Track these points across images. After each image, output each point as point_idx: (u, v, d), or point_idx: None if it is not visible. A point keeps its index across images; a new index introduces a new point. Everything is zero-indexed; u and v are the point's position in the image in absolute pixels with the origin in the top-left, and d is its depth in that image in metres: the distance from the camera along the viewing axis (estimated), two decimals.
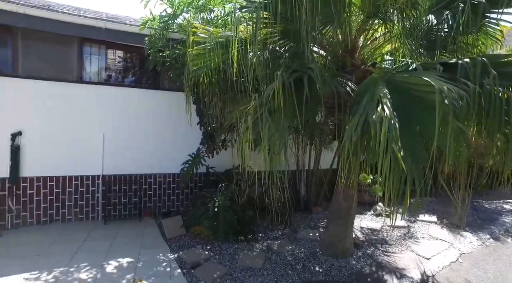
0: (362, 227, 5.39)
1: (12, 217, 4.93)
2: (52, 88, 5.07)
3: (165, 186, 5.85)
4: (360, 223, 5.57)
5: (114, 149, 5.44)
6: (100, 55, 5.50)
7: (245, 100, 3.46)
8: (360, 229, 5.32)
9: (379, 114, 1.98)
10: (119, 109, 5.48)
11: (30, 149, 4.96)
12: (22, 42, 4.97)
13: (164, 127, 5.78)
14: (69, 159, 5.19)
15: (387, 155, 1.85)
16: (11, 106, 4.85)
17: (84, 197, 5.34)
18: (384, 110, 1.99)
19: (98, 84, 5.44)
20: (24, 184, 4.97)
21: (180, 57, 4.67)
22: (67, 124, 5.16)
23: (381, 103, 2.05)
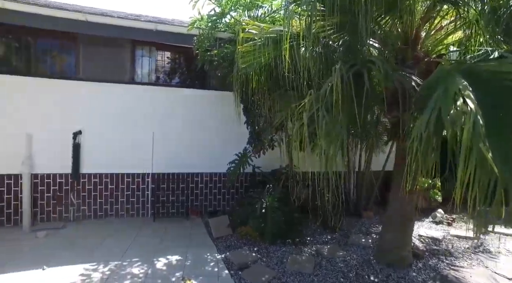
0: (421, 235, 4.97)
1: (74, 210, 5.30)
2: (107, 89, 5.37)
3: (211, 185, 5.92)
4: (418, 230, 5.14)
5: (163, 148, 5.62)
6: (150, 57, 5.73)
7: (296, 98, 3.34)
8: (418, 237, 4.91)
9: (460, 109, 1.74)
10: (168, 109, 5.65)
11: (88, 147, 5.30)
12: (83, 48, 5.33)
13: (211, 126, 5.86)
14: (122, 156, 5.46)
15: (472, 155, 1.61)
16: (72, 107, 5.22)
17: (135, 194, 5.58)
18: (466, 104, 1.75)
19: (148, 84, 5.67)
20: (83, 179, 5.33)
21: (227, 56, 4.68)
22: (120, 124, 5.43)
23: (462, 97, 1.80)
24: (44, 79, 5.14)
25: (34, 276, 3.46)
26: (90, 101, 5.29)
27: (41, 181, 5.15)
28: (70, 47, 5.39)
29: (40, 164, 5.10)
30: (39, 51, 5.32)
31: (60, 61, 5.46)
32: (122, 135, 5.45)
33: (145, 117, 5.54)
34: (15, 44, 5.21)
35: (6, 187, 5.00)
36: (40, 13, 4.78)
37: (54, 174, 5.19)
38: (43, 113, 5.09)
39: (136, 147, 5.51)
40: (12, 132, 4.96)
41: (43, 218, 5.20)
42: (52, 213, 5.23)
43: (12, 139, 4.96)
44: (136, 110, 5.51)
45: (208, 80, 5.98)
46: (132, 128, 5.49)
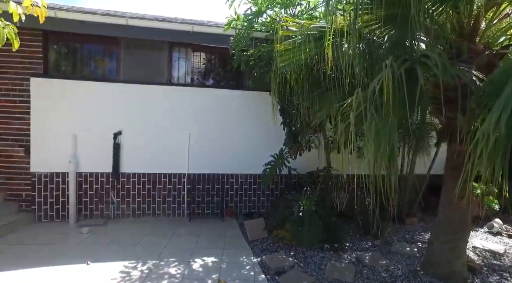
0: (476, 247, 4.57)
1: (114, 208, 5.51)
2: (145, 90, 5.52)
3: (246, 187, 5.89)
4: (472, 241, 4.72)
5: (199, 148, 5.67)
6: (186, 58, 5.81)
7: (338, 97, 3.19)
8: (472, 249, 4.51)
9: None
10: (204, 110, 5.70)
11: (127, 147, 5.48)
12: (124, 51, 5.53)
13: (246, 127, 5.83)
14: (159, 157, 5.58)
15: None
16: (113, 108, 5.43)
17: (171, 194, 5.68)
18: None
19: (185, 85, 5.75)
20: (123, 179, 5.52)
21: (264, 56, 4.61)
22: (157, 125, 5.56)
23: None
24: (89, 82, 5.39)
25: (79, 270, 3.62)
26: (129, 103, 5.47)
27: (85, 179, 5.40)
28: (112, 51, 5.61)
29: (84, 163, 5.36)
30: (84, 56, 5.59)
31: (103, 64, 5.71)
32: (159, 136, 5.57)
33: (182, 118, 5.63)
34: (64, 50, 5.52)
35: (55, 184, 5.30)
36: (87, 19, 5.02)
37: (97, 173, 5.43)
38: (87, 115, 5.34)
39: (172, 147, 5.61)
40: (60, 133, 5.26)
41: (86, 215, 5.45)
42: (94, 210, 5.47)
43: (60, 140, 5.25)
44: (173, 111, 5.61)
45: (243, 80, 5.96)
46: (168, 129, 5.60)
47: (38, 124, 5.23)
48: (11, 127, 5.23)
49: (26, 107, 5.21)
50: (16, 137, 5.24)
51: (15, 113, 5.22)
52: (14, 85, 5.20)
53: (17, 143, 5.24)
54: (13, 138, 5.25)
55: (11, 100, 5.22)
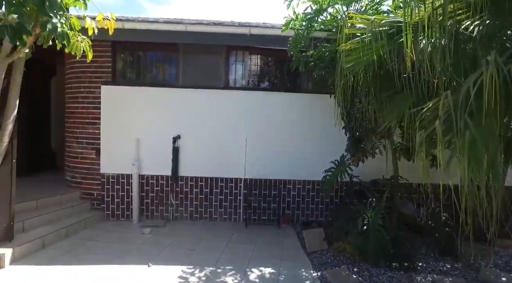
0: None
1: (173, 211, 5.69)
2: (203, 95, 5.62)
3: (304, 194, 5.66)
4: None
5: (256, 153, 5.60)
6: (243, 62, 5.79)
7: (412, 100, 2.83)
8: None
9: None
10: (261, 114, 5.61)
11: (185, 151, 5.62)
12: (182, 57, 5.69)
13: (305, 131, 5.61)
14: (216, 161, 5.63)
15: None
16: (173, 112, 5.62)
17: (228, 199, 5.69)
18: None
19: (242, 89, 5.73)
20: (181, 182, 5.67)
21: (325, 56, 4.36)
22: (214, 129, 5.62)
23: None
24: (150, 88, 5.66)
25: (141, 271, 3.75)
26: (187, 107, 5.62)
27: (147, 182, 5.67)
28: (172, 58, 5.81)
29: (146, 166, 5.62)
30: (147, 63, 5.89)
31: (163, 71, 5.95)
32: (216, 140, 5.62)
33: (238, 122, 5.62)
34: (129, 59, 5.87)
35: (121, 185, 5.65)
36: (150, 28, 5.28)
37: (157, 176, 5.66)
38: (149, 119, 5.61)
39: (229, 152, 5.62)
40: (125, 136, 5.59)
41: (148, 215, 5.71)
42: (155, 211, 5.71)
43: (125, 143, 5.59)
44: (230, 115, 5.62)
45: (302, 82, 5.76)
46: (225, 133, 5.62)
47: (106, 128, 5.62)
48: (86, 131, 5.70)
49: (97, 113, 5.64)
50: (89, 140, 5.70)
51: (89, 119, 5.68)
52: (88, 93, 5.67)
53: (90, 146, 5.70)
54: (87, 142, 5.71)
55: (86, 107, 5.69)
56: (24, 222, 4.50)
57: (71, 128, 5.87)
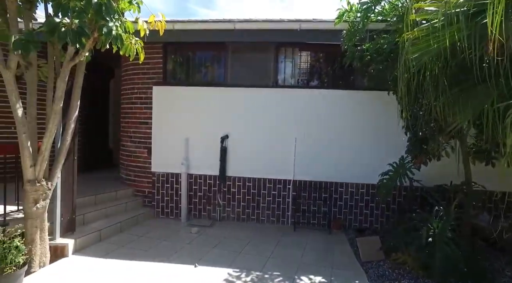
0: None
1: (220, 211, 5.69)
2: (251, 94, 5.54)
3: (357, 198, 5.31)
4: None
5: (305, 154, 5.39)
6: (293, 59, 5.60)
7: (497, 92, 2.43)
8: None
9: None
10: (311, 112, 5.38)
11: (233, 151, 5.59)
12: (231, 56, 5.68)
13: (359, 131, 5.27)
14: (264, 161, 5.52)
15: None
16: (221, 112, 5.62)
17: (276, 201, 5.55)
18: None
19: (291, 87, 5.55)
20: (229, 182, 5.65)
21: (384, 48, 4.00)
22: (263, 128, 5.51)
23: None
24: (199, 87, 5.73)
25: (188, 271, 3.77)
26: (236, 107, 5.58)
27: (195, 181, 5.74)
28: (220, 57, 5.83)
29: (195, 165, 5.69)
30: (196, 63, 5.99)
31: (212, 70, 6.00)
32: (265, 140, 5.51)
33: (287, 122, 5.44)
34: (179, 59, 6.01)
35: (170, 184, 5.80)
36: (199, 28, 5.34)
37: (205, 175, 5.71)
38: (197, 119, 5.68)
39: (278, 152, 5.47)
40: (174, 136, 5.73)
41: (195, 215, 5.78)
42: (202, 211, 5.76)
43: (174, 143, 5.72)
44: (278, 114, 5.47)
45: (355, 79, 5.41)
46: (274, 132, 5.48)
47: (157, 128, 5.81)
48: (139, 131, 5.95)
49: (149, 113, 5.85)
50: (142, 140, 5.93)
51: (142, 119, 5.92)
52: (141, 93, 5.90)
53: (142, 145, 5.94)
54: (140, 141, 5.96)
55: (139, 107, 5.94)
56: (84, 215, 4.80)
57: (125, 128, 6.17)
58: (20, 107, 3.46)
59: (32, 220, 3.67)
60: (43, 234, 3.79)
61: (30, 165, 3.57)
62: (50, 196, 3.83)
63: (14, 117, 3.45)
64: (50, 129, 3.65)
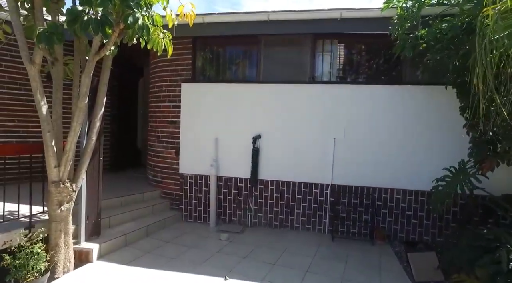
0: None
1: (251, 216, 5.34)
2: (286, 91, 5.15)
3: (404, 206, 4.75)
4: None
5: (345, 155, 4.91)
6: (332, 52, 5.15)
7: None
8: None
9: None
10: (353, 110, 4.90)
11: (266, 152, 5.22)
12: (264, 50, 5.31)
13: (408, 131, 4.71)
14: (299, 164, 5.10)
15: None
16: (253, 110, 5.27)
17: (311, 207, 5.11)
18: None
19: (330, 83, 5.10)
20: (260, 186, 5.28)
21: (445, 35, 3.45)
22: (298, 128, 5.09)
23: None
24: (229, 84, 5.42)
25: None
26: (269, 104, 5.21)
27: (224, 184, 5.43)
28: (252, 52, 5.49)
29: (224, 167, 5.38)
30: (226, 58, 5.68)
31: (243, 66, 5.66)
32: (300, 141, 5.09)
33: (325, 121, 4.99)
34: (208, 55, 5.73)
35: (198, 186, 5.52)
36: (231, 20, 5.01)
37: (235, 178, 5.37)
38: (227, 118, 5.36)
39: (314, 154, 5.04)
40: (203, 136, 5.45)
41: (225, 220, 5.46)
42: (232, 215, 5.43)
43: (203, 143, 5.45)
44: (316, 113, 5.04)
45: (404, 72, 4.86)
46: (310, 133, 5.05)
47: (185, 127, 5.55)
48: (167, 130, 5.73)
49: (177, 112, 5.61)
50: (170, 139, 5.71)
51: (170, 118, 5.70)
52: (169, 91, 5.68)
53: (170, 145, 5.71)
54: (167, 141, 5.74)
55: (167, 106, 5.72)
56: (110, 218, 4.62)
57: (153, 128, 5.98)
58: (45, 105, 3.28)
59: (56, 223, 3.50)
60: (67, 238, 3.61)
61: (54, 165, 3.39)
62: (74, 198, 3.65)
63: (39, 115, 3.29)
64: (75, 128, 3.46)
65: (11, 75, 5.39)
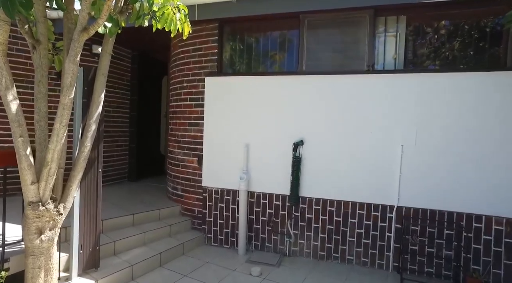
0: None
1: (290, 243, 4.26)
2: (336, 84, 4.04)
3: (509, 240, 3.42)
4: None
5: (417, 169, 3.69)
6: (398, 31, 3.94)
7: None
8: None
9: None
10: (428, 107, 3.68)
11: (310, 163, 4.13)
12: (307, 33, 4.24)
13: (507, 135, 3.39)
14: (353, 178, 3.96)
15: None
16: (294, 109, 4.20)
17: (370, 234, 3.92)
18: None
19: (396, 72, 3.89)
20: (303, 205, 4.19)
21: None
22: (352, 131, 3.96)
23: None
24: (263, 77, 4.42)
25: None
26: (314, 102, 4.12)
27: (257, 201, 4.40)
28: (292, 37, 4.45)
29: (257, 180, 4.37)
30: (260, 45, 4.66)
31: (281, 55, 4.59)
32: (355, 148, 3.94)
33: (391, 122, 3.81)
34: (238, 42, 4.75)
35: (225, 203, 4.55)
36: None
37: (271, 194, 4.33)
38: (261, 119, 4.35)
39: (374, 166, 3.87)
40: (230, 141, 4.50)
41: (257, 245, 4.43)
42: (266, 241, 4.38)
43: (231, 150, 4.50)
44: (376, 111, 3.87)
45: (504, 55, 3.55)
46: (368, 138, 3.89)
47: (210, 131, 4.62)
48: (188, 134, 4.83)
49: (200, 112, 4.69)
50: (191, 145, 4.80)
51: (191, 119, 4.79)
52: (191, 87, 4.78)
53: (192, 152, 4.80)
54: (189, 147, 4.83)
55: (188, 105, 4.83)
56: (115, 243, 3.78)
57: (173, 131, 5.10)
58: (15, 100, 2.43)
59: (34, 257, 2.65)
60: (49, 276, 2.75)
61: (31, 181, 2.54)
62: (60, 223, 2.79)
63: (7, 114, 2.44)
64: (58, 132, 2.59)
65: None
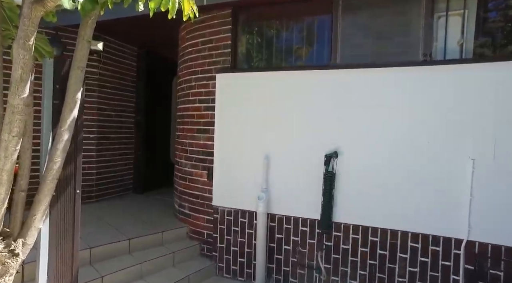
0: None
1: (320, 280, 3.39)
2: (380, 79, 3.16)
3: None
4: None
5: (495, 191, 2.76)
6: (467, 8, 3.03)
7: None
8: None
9: None
10: (506, 109, 2.74)
11: (345, 179, 3.26)
12: (342, 17, 3.40)
13: None
14: (403, 200, 3.07)
15: None
16: (325, 112, 3.36)
17: (427, 275, 3.01)
18: None
19: (462, 62, 2.98)
20: (337, 233, 3.33)
21: None
22: (402, 141, 3.07)
23: None
24: (287, 73, 3.60)
25: None
26: (351, 103, 3.27)
27: (279, 226, 3.57)
28: (323, 23, 3.62)
29: (279, 200, 3.55)
30: (283, 35, 3.84)
31: (308, 45, 3.76)
32: (406, 160, 3.06)
33: (455, 128, 2.90)
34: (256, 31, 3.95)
35: (240, 227, 3.75)
36: None
37: (296, 218, 3.49)
38: (284, 125, 3.52)
39: (433, 185, 2.96)
40: (247, 152, 3.71)
41: (278, 280, 3.60)
42: (290, 275, 3.55)
43: (246, 162, 3.71)
44: (434, 115, 2.98)
45: None
46: (425, 149, 2.99)
47: (221, 138, 3.85)
48: (196, 143, 4.09)
49: (210, 116, 3.93)
50: (200, 156, 4.04)
51: (200, 124, 4.05)
52: (200, 87, 4.04)
53: (200, 164, 4.04)
54: (197, 157, 4.08)
55: (197, 107, 4.08)
56: (103, 278, 3.06)
57: (180, 138, 4.37)
58: None
59: None
60: None
61: None
62: (15, 267, 2.04)
63: None
64: (6, 145, 1.84)
65: None
